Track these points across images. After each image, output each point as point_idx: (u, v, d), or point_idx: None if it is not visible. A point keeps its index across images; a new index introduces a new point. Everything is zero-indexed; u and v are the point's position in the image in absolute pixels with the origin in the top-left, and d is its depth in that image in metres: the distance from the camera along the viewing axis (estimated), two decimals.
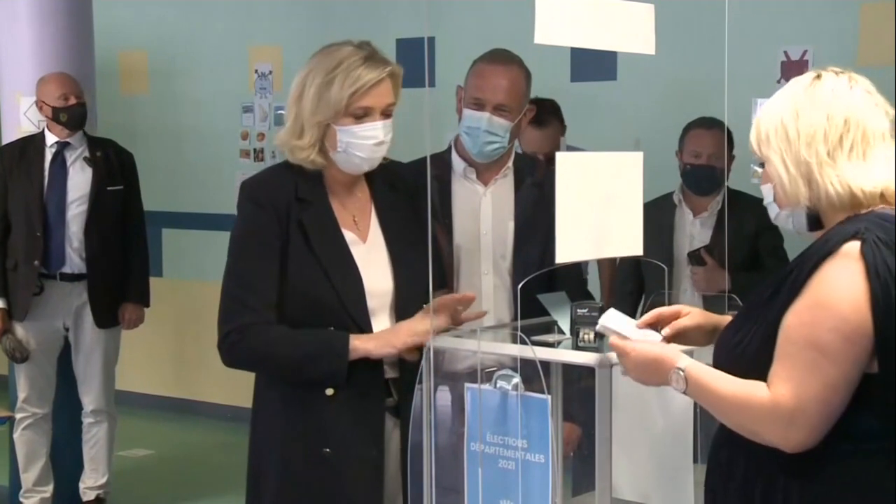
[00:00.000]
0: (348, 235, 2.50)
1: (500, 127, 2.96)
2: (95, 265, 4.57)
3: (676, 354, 2.01)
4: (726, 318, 2.19)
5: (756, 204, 4.12)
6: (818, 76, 1.99)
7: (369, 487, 2.47)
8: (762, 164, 2.02)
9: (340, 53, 2.43)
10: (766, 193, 2.04)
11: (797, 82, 2.00)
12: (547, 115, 4.07)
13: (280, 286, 2.43)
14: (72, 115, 4.57)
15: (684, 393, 1.99)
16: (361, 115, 2.43)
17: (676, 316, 2.18)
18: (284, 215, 2.44)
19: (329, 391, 2.43)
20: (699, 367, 1.98)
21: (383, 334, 2.43)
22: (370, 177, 2.57)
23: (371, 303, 2.47)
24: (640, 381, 2.07)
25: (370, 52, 2.44)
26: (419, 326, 2.39)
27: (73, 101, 4.56)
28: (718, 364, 2.00)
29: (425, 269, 2.45)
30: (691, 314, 2.18)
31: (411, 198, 2.63)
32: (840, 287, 1.85)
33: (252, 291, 2.43)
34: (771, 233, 3.87)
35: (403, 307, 2.50)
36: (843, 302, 1.84)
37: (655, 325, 2.15)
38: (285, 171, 2.51)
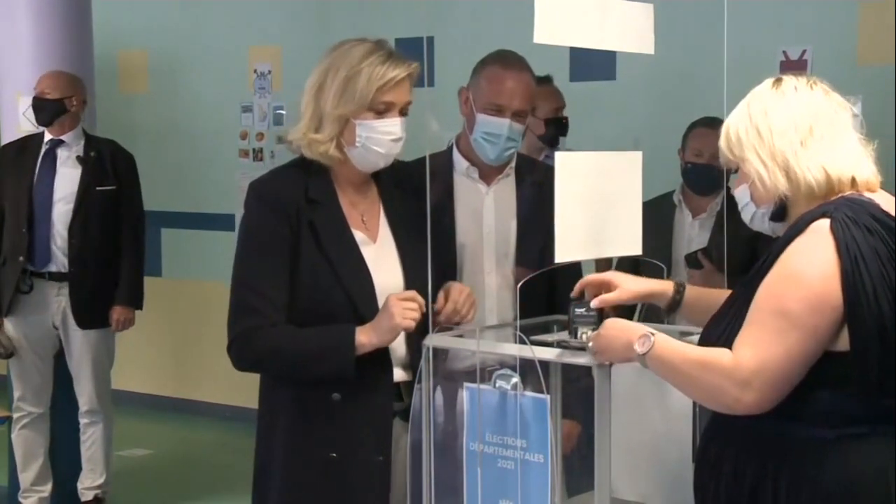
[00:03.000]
0: (358, 235, 2.49)
1: (518, 132, 2.98)
2: (78, 264, 4.53)
3: (645, 327, 2.09)
4: (664, 284, 2.31)
5: None
6: (779, 80, 2.10)
7: (374, 493, 2.46)
8: (737, 170, 2.11)
9: (362, 49, 2.44)
10: (742, 196, 2.11)
11: (758, 89, 2.11)
12: None
13: (290, 287, 2.42)
14: (36, 108, 4.56)
15: (643, 357, 2.02)
16: (383, 111, 2.44)
17: (605, 285, 2.29)
18: (295, 216, 2.43)
19: (336, 396, 2.41)
20: (667, 336, 2.06)
21: (382, 323, 2.39)
22: (377, 176, 2.56)
23: (381, 303, 2.45)
24: (605, 348, 2.10)
25: (391, 49, 2.47)
26: (406, 300, 2.37)
27: (46, 95, 4.55)
28: None
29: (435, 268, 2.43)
30: (620, 289, 2.28)
31: (418, 196, 2.62)
32: (809, 259, 1.92)
33: (260, 294, 2.41)
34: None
35: None
36: (811, 272, 1.90)
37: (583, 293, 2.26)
38: (294, 172, 2.50)
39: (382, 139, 2.44)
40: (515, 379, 2.15)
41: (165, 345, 6.78)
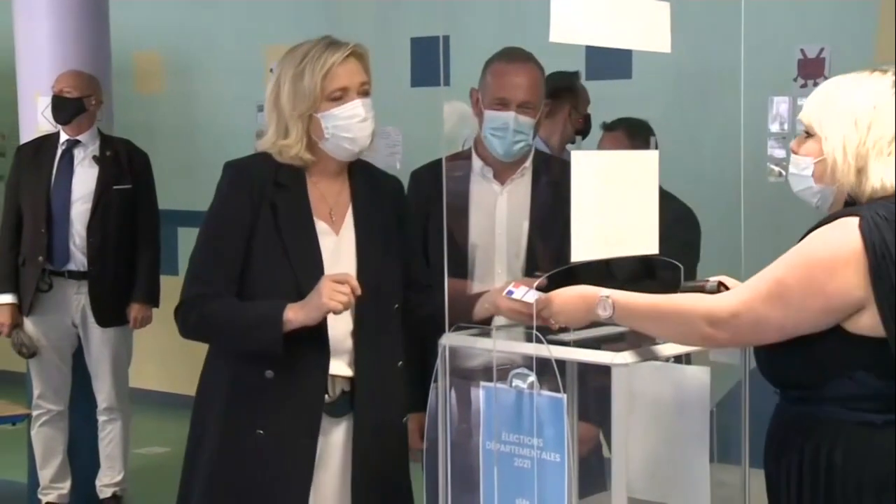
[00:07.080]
0: (320, 226, 2.55)
1: (526, 125, 2.98)
2: (97, 263, 4.58)
3: (597, 288, 2.16)
4: None
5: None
6: None
7: (297, 474, 2.50)
8: (808, 134, 2.09)
9: (304, 47, 2.53)
10: (805, 165, 2.09)
11: (879, 79, 2.05)
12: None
13: (243, 264, 2.51)
14: (55, 107, 4.58)
15: (610, 318, 2.11)
16: (339, 97, 2.50)
17: None
18: (258, 196, 2.51)
19: (269, 373, 2.48)
20: (625, 293, 2.13)
21: (311, 301, 2.41)
22: (352, 173, 2.62)
23: None
24: (569, 322, 2.18)
25: (331, 39, 2.54)
26: (337, 282, 2.41)
27: (65, 93, 4.58)
28: None
29: (390, 273, 2.54)
30: None
31: (393, 203, 2.66)
32: (828, 244, 1.96)
33: (213, 266, 2.52)
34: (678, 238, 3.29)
35: (360, 305, 2.48)
36: (821, 258, 1.95)
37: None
38: (269, 157, 2.57)
39: (349, 124, 2.50)
40: (532, 378, 2.15)
41: (181, 342, 6.75)
